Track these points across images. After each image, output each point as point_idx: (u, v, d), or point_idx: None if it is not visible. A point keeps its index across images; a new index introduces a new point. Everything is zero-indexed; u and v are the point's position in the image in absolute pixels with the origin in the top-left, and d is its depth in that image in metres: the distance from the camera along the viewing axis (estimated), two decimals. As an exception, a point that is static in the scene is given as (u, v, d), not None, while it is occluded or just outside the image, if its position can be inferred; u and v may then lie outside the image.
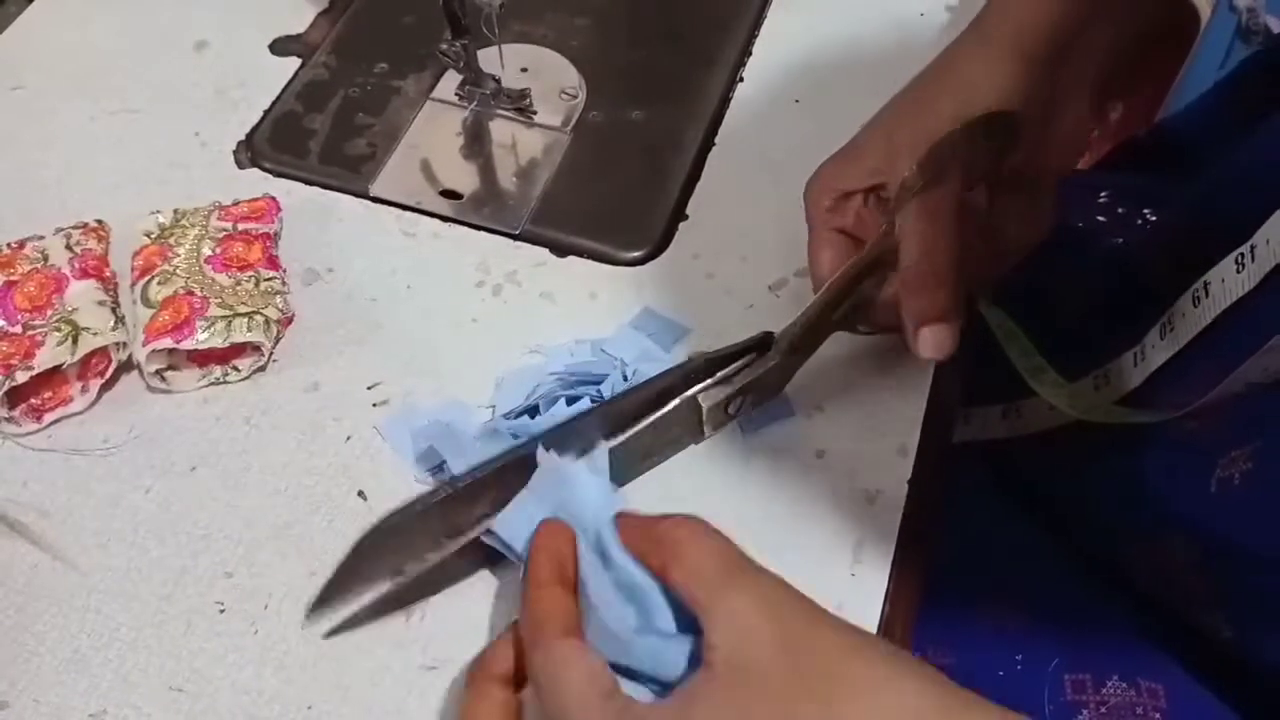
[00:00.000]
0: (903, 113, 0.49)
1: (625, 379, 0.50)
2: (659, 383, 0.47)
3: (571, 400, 0.50)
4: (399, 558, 0.43)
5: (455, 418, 0.50)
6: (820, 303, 0.47)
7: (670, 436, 0.49)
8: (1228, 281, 0.45)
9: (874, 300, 0.48)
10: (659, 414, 0.47)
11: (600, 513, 0.42)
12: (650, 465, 0.49)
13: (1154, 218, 0.61)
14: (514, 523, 0.43)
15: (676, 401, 0.47)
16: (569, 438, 0.45)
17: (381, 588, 0.44)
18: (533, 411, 0.50)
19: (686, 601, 0.37)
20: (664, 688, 0.38)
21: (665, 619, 0.39)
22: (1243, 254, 0.44)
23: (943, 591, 0.50)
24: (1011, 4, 0.48)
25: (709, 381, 0.47)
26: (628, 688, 0.37)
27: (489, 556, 0.45)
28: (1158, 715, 0.46)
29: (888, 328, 0.49)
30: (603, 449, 0.46)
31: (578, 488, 0.43)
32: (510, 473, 0.44)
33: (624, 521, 0.41)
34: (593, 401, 0.49)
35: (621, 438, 0.46)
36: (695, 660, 0.37)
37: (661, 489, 0.49)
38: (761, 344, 0.48)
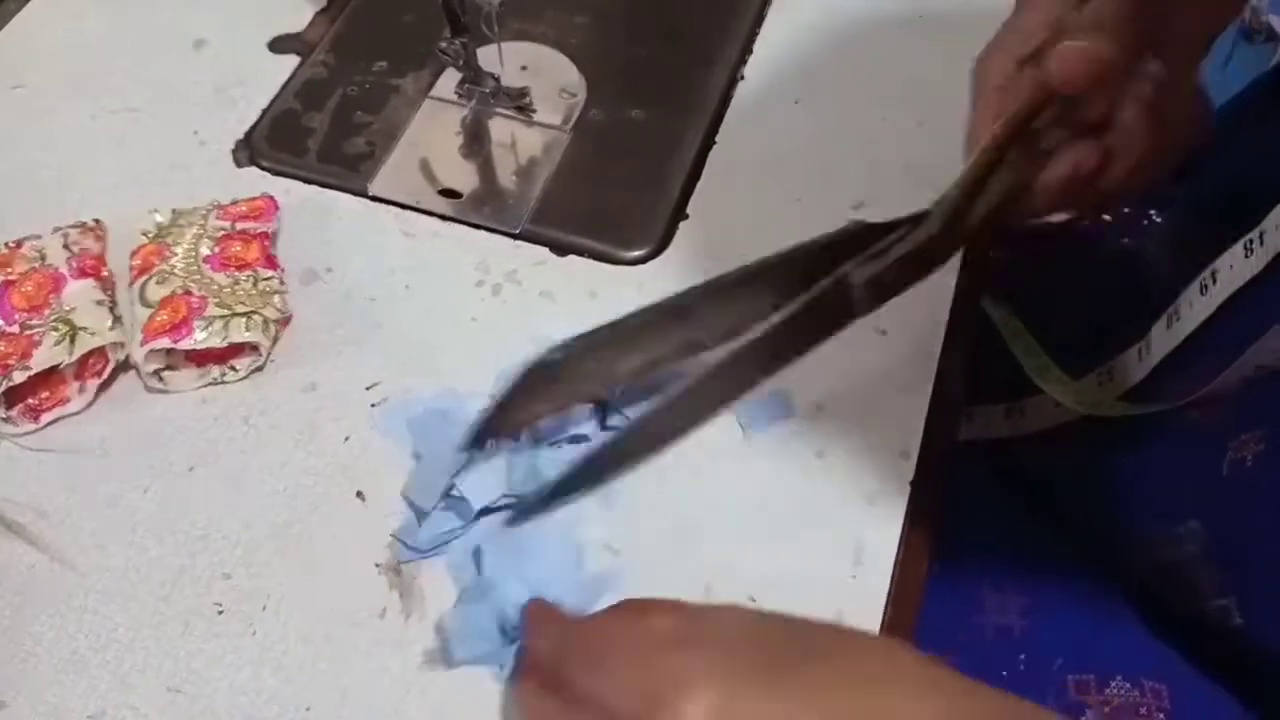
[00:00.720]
0: None
1: None
2: (804, 253, 0.44)
3: None
4: (555, 398, 0.44)
5: (451, 407, 0.50)
6: (973, 169, 0.43)
7: (822, 317, 0.44)
8: (1236, 267, 0.45)
9: (1033, 183, 0.45)
10: (812, 292, 0.42)
11: None
12: (797, 353, 0.44)
13: (1159, 219, 0.61)
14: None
15: (828, 280, 0.43)
16: (715, 302, 0.44)
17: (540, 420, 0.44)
18: None
19: None
20: None
21: None
22: (1252, 239, 0.44)
23: (945, 592, 0.50)
24: None
25: (863, 255, 0.43)
26: None
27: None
28: (1161, 715, 0.46)
29: (1046, 209, 0.46)
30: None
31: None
32: (656, 326, 0.44)
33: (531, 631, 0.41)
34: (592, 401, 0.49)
35: (774, 319, 0.43)
36: None
37: (661, 489, 0.49)
38: (917, 217, 0.44)
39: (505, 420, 0.43)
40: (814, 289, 0.42)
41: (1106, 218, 0.62)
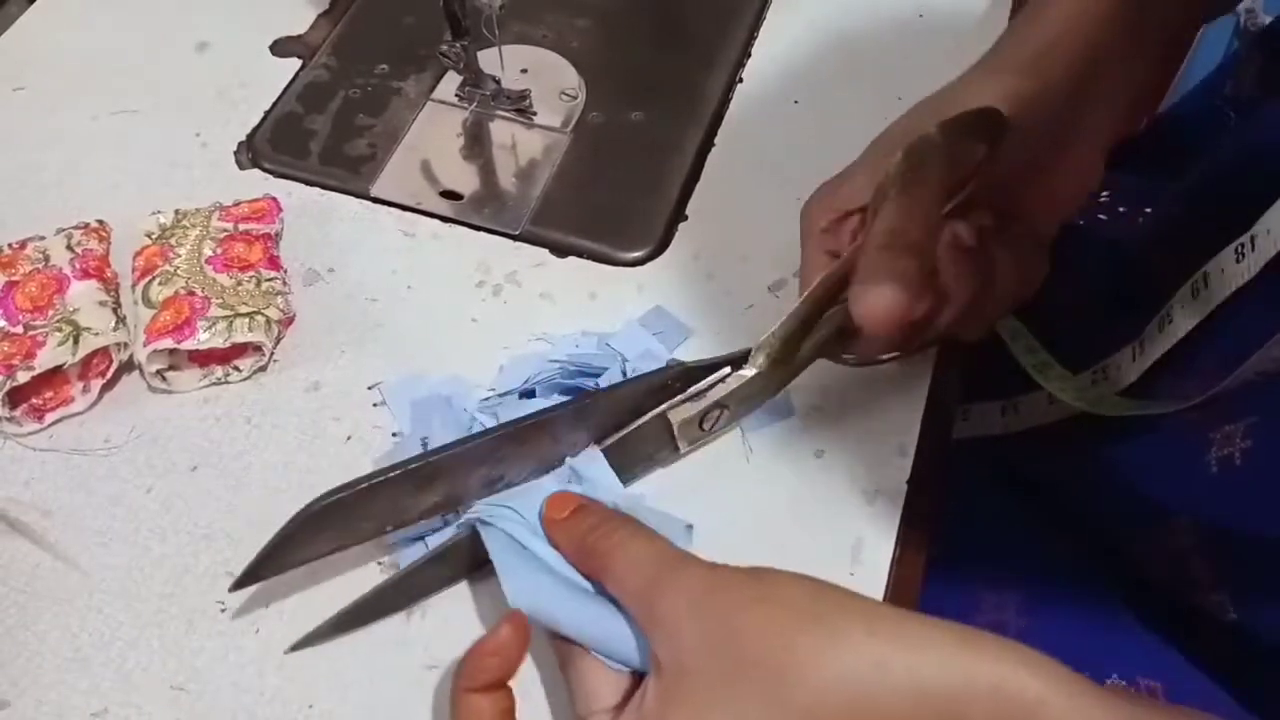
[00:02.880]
0: (897, 131, 0.47)
1: (624, 375, 0.51)
2: (628, 391, 0.46)
3: (567, 391, 0.50)
4: (338, 537, 0.43)
5: (455, 392, 0.51)
6: (798, 313, 0.45)
7: (644, 452, 0.47)
8: (1227, 272, 0.45)
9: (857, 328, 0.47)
10: (627, 430, 0.46)
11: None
12: (627, 480, 0.48)
13: (1151, 213, 0.61)
14: (525, 591, 0.42)
15: (646, 418, 0.46)
16: (544, 433, 0.45)
17: (315, 559, 0.43)
18: (529, 394, 0.51)
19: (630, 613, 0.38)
20: None
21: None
22: (1242, 244, 0.44)
23: (942, 589, 0.50)
24: (1034, 30, 0.46)
25: (680, 397, 0.46)
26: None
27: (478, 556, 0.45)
28: (1156, 712, 0.46)
29: (872, 358, 0.48)
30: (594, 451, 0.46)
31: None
32: (465, 463, 0.43)
33: (553, 528, 0.42)
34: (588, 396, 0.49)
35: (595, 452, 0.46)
36: None
37: (660, 489, 0.49)
38: (740, 358, 0.46)
39: (280, 561, 0.42)
40: (633, 425, 0.45)
41: (1102, 216, 0.62)
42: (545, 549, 0.42)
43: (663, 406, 0.46)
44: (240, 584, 0.43)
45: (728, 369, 0.46)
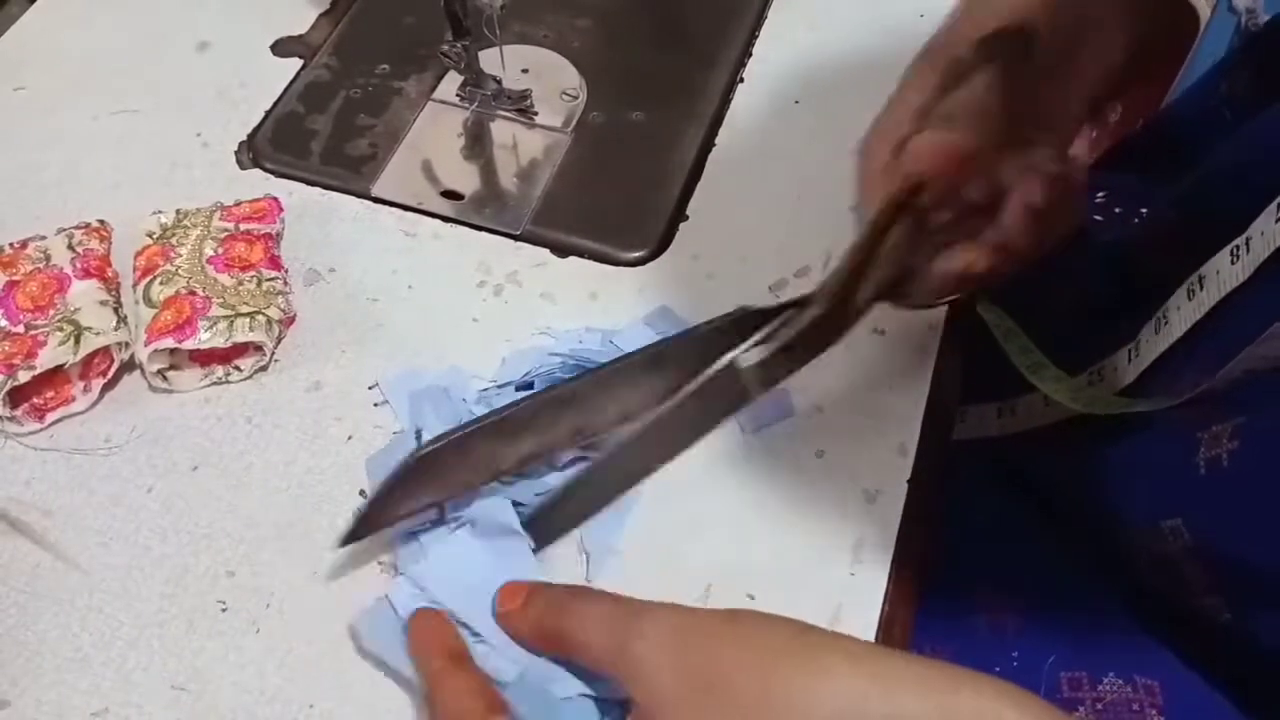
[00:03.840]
0: (933, 50, 0.48)
1: None
2: (695, 336, 0.45)
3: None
4: (437, 489, 0.43)
5: (454, 383, 0.51)
6: (855, 249, 0.44)
7: (710, 402, 0.44)
8: (1223, 274, 0.45)
9: (921, 270, 0.46)
10: (695, 384, 0.43)
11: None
12: (693, 436, 0.45)
13: (1147, 213, 0.61)
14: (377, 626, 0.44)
15: (716, 366, 0.43)
16: (623, 379, 0.45)
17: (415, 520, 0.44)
18: (527, 386, 0.51)
19: (602, 674, 0.38)
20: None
21: (579, 685, 0.40)
22: (1238, 246, 0.44)
23: (941, 589, 0.50)
24: None
25: (749, 342, 0.43)
26: None
27: None
28: (1154, 711, 0.46)
29: (936, 295, 0.48)
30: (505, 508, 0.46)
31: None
32: (544, 414, 0.44)
33: (508, 620, 0.42)
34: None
35: (662, 408, 0.44)
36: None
37: (660, 490, 0.49)
38: (803, 300, 0.44)
39: (384, 514, 0.43)
40: (701, 377, 0.43)
41: (1098, 217, 0.62)
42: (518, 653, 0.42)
43: (734, 352, 0.43)
44: (347, 540, 0.43)
45: (792, 311, 0.44)
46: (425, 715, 0.43)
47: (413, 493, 0.43)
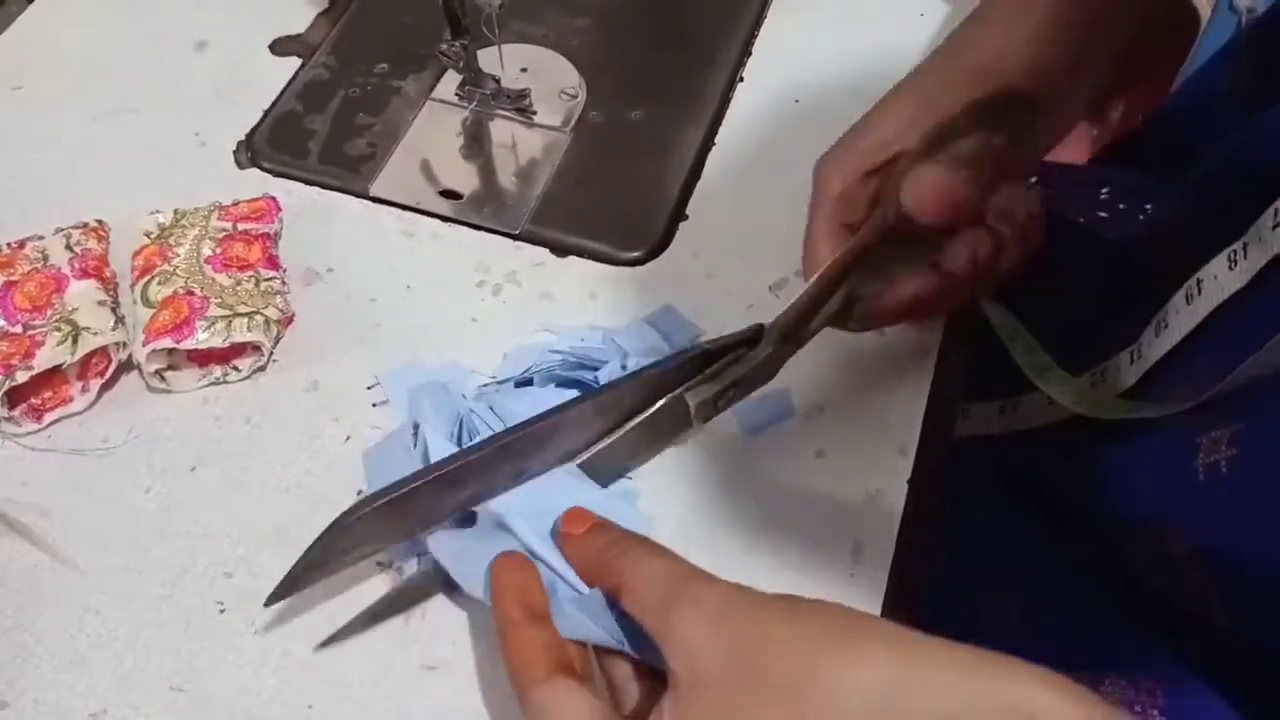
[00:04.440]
0: (916, 84, 0.47)
1: (623, 369, 0.50)
2: (647, 377, 0.46)
3: (565, 383, 0.50)
4: (371, 543, 0.43)
5: (453, 379, 0.51)
6: (810, 292, 0.46)
7: (659, 432, 0.48)
8: (1220, 278, 0.45)
9: (866, 297, 0.47)
10: (644, 415, 0.46)
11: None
12: (639, 462, 0.49)
13: (1150, 210, 0.61)
14: (462, 557, 0.43)
15: (663, 401, 0.46)
16: (561, 428, 0.45)
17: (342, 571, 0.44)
18: (526, 383, 0.51)
19: (645, 628, 0.37)
20: None
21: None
22: (1235, 251, 0.44)
23: (942, 589, 0.50)
24: None
25: (698, 378, 0.46)
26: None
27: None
28: (1155, 712, 0.46)
29: (881, 322, 0.48)
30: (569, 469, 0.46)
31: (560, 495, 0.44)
32: (483, 465, 0.43)
33: (568, 542, 0.42)
34: (582, 388, 0.49)
35: (608, 440, 0.46)
36: None
37: (661, 488, 0.49)
38: (753, 338, 0.46)
39: (314, 572, 0.43)
40: (650, 410, 0.45)
41: (1102, 214, 0.62)
42: (556, 559, 0.42)
43: (679, 389, 0.46)
44: (275, 598, 0.43)
45: (743, 349, 0.46)
46: (424, 713, 0.43)
47: (346, 549, 0.42)
